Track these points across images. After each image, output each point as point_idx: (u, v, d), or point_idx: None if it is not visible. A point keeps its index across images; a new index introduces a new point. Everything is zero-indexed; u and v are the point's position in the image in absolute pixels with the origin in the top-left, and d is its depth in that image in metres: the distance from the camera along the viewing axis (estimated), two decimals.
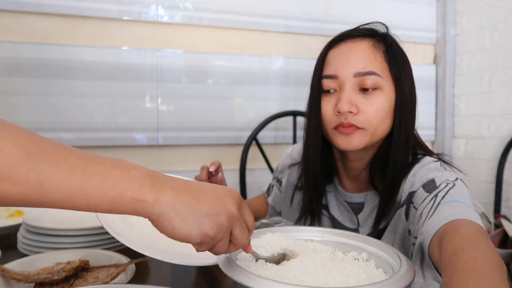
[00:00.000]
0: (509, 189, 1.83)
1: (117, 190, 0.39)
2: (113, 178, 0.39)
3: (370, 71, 0.75)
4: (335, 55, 0.80)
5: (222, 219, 0.43)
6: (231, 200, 0.45)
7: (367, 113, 0.75)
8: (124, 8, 1.60)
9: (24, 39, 1.51)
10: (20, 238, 0.84)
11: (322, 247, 0.65)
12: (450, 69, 2.10)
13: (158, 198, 0.40)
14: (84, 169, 0.38)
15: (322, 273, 0.52)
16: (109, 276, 0.67)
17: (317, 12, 1.89)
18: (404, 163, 0.78)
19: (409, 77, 0.80)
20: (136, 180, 0.40)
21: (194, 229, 0.42)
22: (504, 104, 1.86)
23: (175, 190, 0.42)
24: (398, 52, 0.80)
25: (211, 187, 0.46)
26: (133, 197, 0.40)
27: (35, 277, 0.64)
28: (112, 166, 0.40)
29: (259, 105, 1.81)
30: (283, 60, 1.85)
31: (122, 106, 1.61)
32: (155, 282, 0.68)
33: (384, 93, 0.76)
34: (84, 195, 0.38)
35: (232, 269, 0.49)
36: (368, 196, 0.84)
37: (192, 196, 0.43)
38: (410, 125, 0.79)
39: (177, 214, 0.41)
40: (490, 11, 1.92)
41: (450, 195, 0.65)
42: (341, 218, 0.88)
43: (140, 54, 1.63)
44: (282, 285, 0.45)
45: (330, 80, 0.79)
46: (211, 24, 1.72)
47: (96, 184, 0.38)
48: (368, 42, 0.78)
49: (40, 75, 1.51)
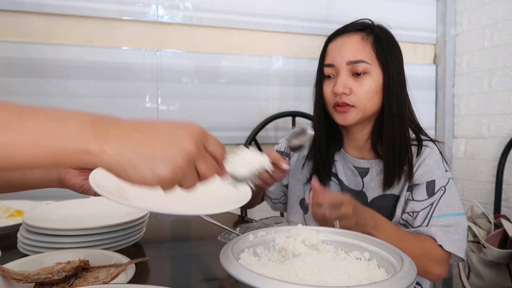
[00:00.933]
0: (509, 189, 1.83)
1: (56, 143, 0.37)
2: (50, 130, 0.37)
3: (360, 60, 0.93)
4: (332, 47, 0.98)
5: (178, 160, 0.42)
6: (187, 138, 0.43)
7: (358, 93, 0.93)
8: (124, 8, 1.60)
9: (24, 39, 1.51)
10: (20, 238, 0.84)
11: (325, 246, 0.65)
12: (450, 69, 2.10)
13: (102, 148, 0.39)
14: (16, 124, 0.36)
15: (324, 272, 0.52)
16: (109, 276, 0.67)
17: (317, 12, 1.89)
18: (402, 133, 0.94)
19: (397, 62, 0.96)
20: (76, 130, 0.38)
21: (148, 175, 0.40)
22: (504, 104, 1.86)
23: (120, 137, 0.40)
24: (385, 42, 0.95)
25: (165, 127, 0.44)
26: (74, 149, 0.38)
27: (35, 277, 0.64)
28: (48, 117, 0.38)
29: (258, 105, 1.81)
30: (283, 60, 1.85)
31: (122, 106, 1.61)
32: (155, 282, 0.68)
33: (372, 77, 0.94)
34: (19, 151, 0.36)
35: (234, 268, 0.49)
36: (373, 163, 1.00)
37: (142, 141, 0.41)
38: (402, 101, 0.95)
39: (127, 162, 0.40)
40: (490, 11, 1.92)
41: (439, 209, 0.90)
42: (347, 182, 1.04)
43: (140, 54, 1.63)
44: (285, 284, 0.45)
45: (329, 68, 0.97)
46: (211, 24, 1.72)
47: (31, 139, 0.36)
48: (358, 36, 0.95)
49: (40, 75, 1.51)
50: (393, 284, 0.45)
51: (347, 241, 0.65)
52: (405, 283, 0.46)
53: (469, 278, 1.63)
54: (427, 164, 0.93)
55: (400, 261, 0.53)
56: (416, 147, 0.96)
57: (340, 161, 1.06)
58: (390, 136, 0.94)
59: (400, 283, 0.46)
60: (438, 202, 0.90)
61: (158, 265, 0.79)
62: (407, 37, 2.07)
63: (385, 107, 0.94)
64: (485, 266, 1.55)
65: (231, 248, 0.56)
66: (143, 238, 0.94)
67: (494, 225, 1.56)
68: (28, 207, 1.13)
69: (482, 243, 1.52)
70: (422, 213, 0.90)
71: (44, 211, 0.95)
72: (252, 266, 0.55)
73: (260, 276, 0.46)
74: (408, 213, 0.93)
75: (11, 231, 0.97)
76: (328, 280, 0.51)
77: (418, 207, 0.91)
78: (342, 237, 0.65)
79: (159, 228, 1.09)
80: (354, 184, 1.03)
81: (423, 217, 0.90)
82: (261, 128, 1.75)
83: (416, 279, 0.48)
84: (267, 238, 0.66)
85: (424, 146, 0.96)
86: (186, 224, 1.15)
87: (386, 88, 0.94)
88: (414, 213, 0.91)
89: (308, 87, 1.08)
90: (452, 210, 0.89)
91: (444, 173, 0.93)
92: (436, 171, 0.92)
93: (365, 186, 1.01)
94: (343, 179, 1.04)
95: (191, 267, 0.78)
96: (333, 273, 0.52)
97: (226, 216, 1.21)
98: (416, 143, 0.97)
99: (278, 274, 0.53)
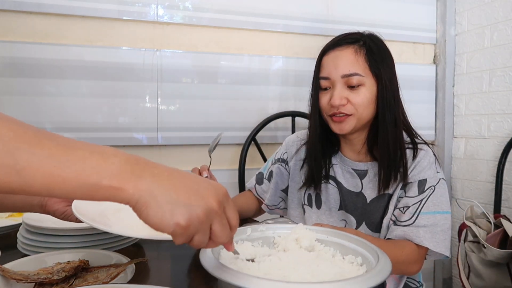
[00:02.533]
0: (509, 189, 1.83)
1: (94, 178, 0.39)
2: (91, 166, 0.39)
3: (354, 73, 0.96)
4: (327, 60, 1.01)
5: (198, 211, 0.42)
6: (212, 194, 0.44)
7: (355, 102, 0.97)
8: (124, 8, 1.60)
9: (24, 39, 1.51)
10: (20, 238, 0.84)
11: (323, 247, 0.65)
12: (450, 69, 2.10)
13: (136, 185, 0.40)
14: (62, 156, 0.38)
15: (290, 269, 0.55)
16: (109, 276, 0.67)
17: (317, 12, 1.88)
18: (396, 138, 0.97)
19: (389, 71, 0.99)
20: (115, 168, 0.40)
21: (166, 217, 0.41)
22: (504, 104, 1.86)
23: (155, 177, 0.42)
24: (377, 53, 0.98)
25: (194, 179, 0.45)
26: (110, 185, 0.39)
27: (35, 277, 0.64)
28: (91, 152, 0.40)
29: (258, 105, 1.81)
30: (283, 60, 1.85)
31: (122, 106, 1.61)
32: (155, 282, 0.68)
33: (366, 87, 0.97)
34: (61, 183, 0.38)
35: (202, 258, 0.53)
36: (370, 165, 1.04)
37: (172, 184, 0.42)
38: (396, 107, 0.98)
39: (153, 200, 0.41)
40: (490, 11, 1.92)
41: (427, 207, 0.95)
42: (346, 184, 1.07)
43: (140, 54, 1.63)
44: (237, 274, 0.48)
45: (325, 80, 1.00)
46: (211, 24, 1.72)
47: (73, 172, 0.38)
48: (351, 49, 0.98)
49: (40, 75, 1.51)
50: (338, 285, 0.47)
51: (344, 243, 0.65)
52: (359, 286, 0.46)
53: (469, 278, 1.63)
54: (421, 165, 0.99)
55: (376, 259, 0.55)
56: (412, 150, 1.01)
57: (338, 164, 1.09)
58: (385, 141, 0.98)
59: (350, 283, 0.47)
60: (427, 199, 0.95)
61: (158, 265, 0.79)
62: (407, 37, 2.07)
63: (380, 114, 0.98)
64: (485, 266, 1.55)
65: None
66: (143, 238, 0.94)
67: (494, 225, 1.56)
68: None
69: (482, 243, 1.52)
70: (412, 208, 0.95)
71: None
72: (225, 259, 0.58)
73: (221, 266, 0.49)
74: (399, 208, 0.98)
75: (11, 231, 0.97)
76: (288, 275, 0.53)
77: (409, 202, 0.97)
78: (342, 240, 0.66)
79: None
80: (353, 185, 1.06)
81: (412, 212, 0.95)
82: (261, 128, 1.75)
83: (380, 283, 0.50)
84: (267, 234, 0.68)
85: (419, 150, 1.01)
86: None
87: (380, 97, 0.98)
88: (404, 208, 0.96)
89: (308, 87, 1.08)
90: (440, 209, 0.95)
91: (435, 174, 0.98)
92: (428, 171, 0.98)
93: (364, 187, 1.04)
94: (342, 182, 1.07)
95: (191, 267, 0.78)
96: (297, 270, 0.54)
97: None
98: (412, 146, 1.01)
99: (245, 267, 0.55)
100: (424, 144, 1.03)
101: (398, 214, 0.97)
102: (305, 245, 0.64)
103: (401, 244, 0.93)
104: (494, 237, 1.53)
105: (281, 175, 1.20)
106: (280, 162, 1.21)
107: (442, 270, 2.13)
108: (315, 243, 0.66)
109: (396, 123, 0.98)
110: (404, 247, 0.92)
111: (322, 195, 1.09)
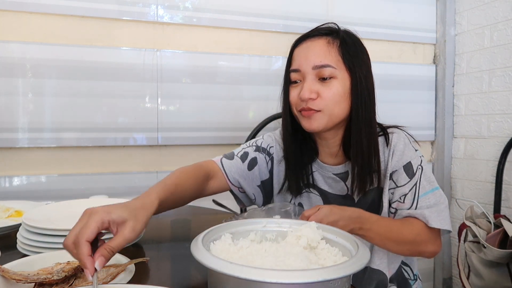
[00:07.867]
0: (509, 189, 1.83)
1: None
2: None
3: (326, 64, 0.91)
4: (298, 52, 0.96)
5: None
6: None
7: (325, 97, 0.91)
8: (124, 8, 1.60)
9: (24, 39, 1.51)
10: (20, 238, 0.84)
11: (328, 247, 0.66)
12: (449, 69, 2.10)
13: None
14: None
15: (268, 258, 0.58)
16: (109, 276, 0.67)
17: (317, 12, 1.89)
18: (369, 138, 0.93)
19: (365, 68, 0.94)
20: None
21: None
22: (504, 104, 1.86)
23: None
24: (352, 46, 0.93)
25: None
26: None
27: (34, 277, 0.64)
28: None
29: (258, 105, 1.81)
30: (283, 60, 1.84)
31: (122, 106, 1.61)
32: (155, 282, 0.68)
33: (338, 81, 0.91)
34: None
35: (193, 246, 0.59)
36: (349, 166, 0.99)
37: None
38: (370, 106, 0.93)
39: None
40: (490, 11, 1.92)
41: (423, 187, 0.93)
42: (331, 190, 1.03)
43: (140, 54, 1.63)
44: (215, 259, 0.53)
45: (295, 73, 0.95)
46: (211, 24, 1.72)
47: None
48: (324, 40, 0.93)
49: (40, 75, 1.51)
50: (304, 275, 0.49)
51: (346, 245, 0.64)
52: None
53: (469, 278, 1.63)
54: (398, 149, 0.95)
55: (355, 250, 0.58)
56: (383, 137, 0.98)
57: (318, 171, 1.04)
58: (358, 142, 0.93)
59: (312, 273, 0.48)
60: (420, 180, 0.93)
61: (158, 265, 0.79)
62: (407, 37, 2.07)
63: (353, 111, 0.93)
64: (485, 266, 1.55)
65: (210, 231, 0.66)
66: (143, 238, 0.94)
67: (494, 225, 1.56)
68: (28, 207, 1.12)
69: (482, 243, 1.52)
70: (410, 194, 0.93)
71: (44, 211, 0.95)
72: (218, 246, 0.63)
73: (205, 252, 0.55)
74: (397, 201, 0.95)
75: (11, 231, 0.96)
76: (263, 263, 0.56)
77: (405, 190, 0.94)
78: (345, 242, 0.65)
79: (159, 228, 1.09)
80: (339, 190, 1.02)
81: (411, 198, 0.93)
82: (261, 128, 1.75)
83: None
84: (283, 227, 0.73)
85: (390, 134, 0.98)
86: (186, 224, 1.15)
87: (354, 93, 0.92)
88: (402, 197, 0.94)
89: None
90: (434, 185, 0.94)
91: (415, 153, 0.96)
92: (408, 153, 0.95)
93: (349, 189, 1.01)
94: (325, 188, 1.03)
95: (191, 267, 0.78)
96: (264, 258, 0.58)
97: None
98: (382, 133, 0.98)
99: (231, 256, 0.60)
100: (393, 127, 1.00)
101: (398, 205, 0.95)
102: (303, 244, 0.64)
103: (410, 221, 0.91)
104: (494, 237, 1.53)
105: (263, 165, 1.08)
106: (262, 151, 1.09)
107: (442, 270, 2.13)
108: (318, 242, 0.66)
109: (371, 124, 0.93)
110: (413, 225, 0.90)
111: (305, 205, 1.05)
